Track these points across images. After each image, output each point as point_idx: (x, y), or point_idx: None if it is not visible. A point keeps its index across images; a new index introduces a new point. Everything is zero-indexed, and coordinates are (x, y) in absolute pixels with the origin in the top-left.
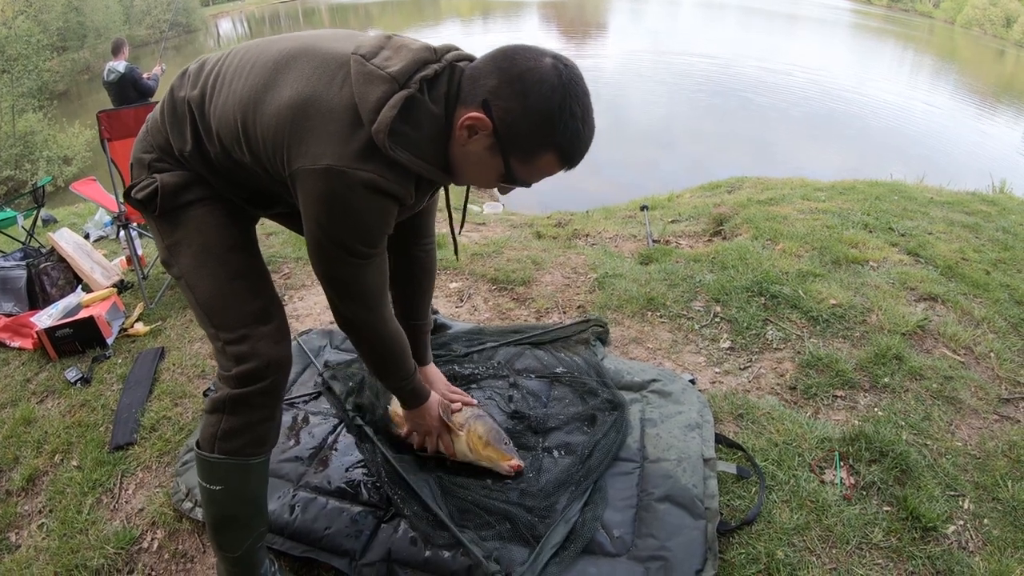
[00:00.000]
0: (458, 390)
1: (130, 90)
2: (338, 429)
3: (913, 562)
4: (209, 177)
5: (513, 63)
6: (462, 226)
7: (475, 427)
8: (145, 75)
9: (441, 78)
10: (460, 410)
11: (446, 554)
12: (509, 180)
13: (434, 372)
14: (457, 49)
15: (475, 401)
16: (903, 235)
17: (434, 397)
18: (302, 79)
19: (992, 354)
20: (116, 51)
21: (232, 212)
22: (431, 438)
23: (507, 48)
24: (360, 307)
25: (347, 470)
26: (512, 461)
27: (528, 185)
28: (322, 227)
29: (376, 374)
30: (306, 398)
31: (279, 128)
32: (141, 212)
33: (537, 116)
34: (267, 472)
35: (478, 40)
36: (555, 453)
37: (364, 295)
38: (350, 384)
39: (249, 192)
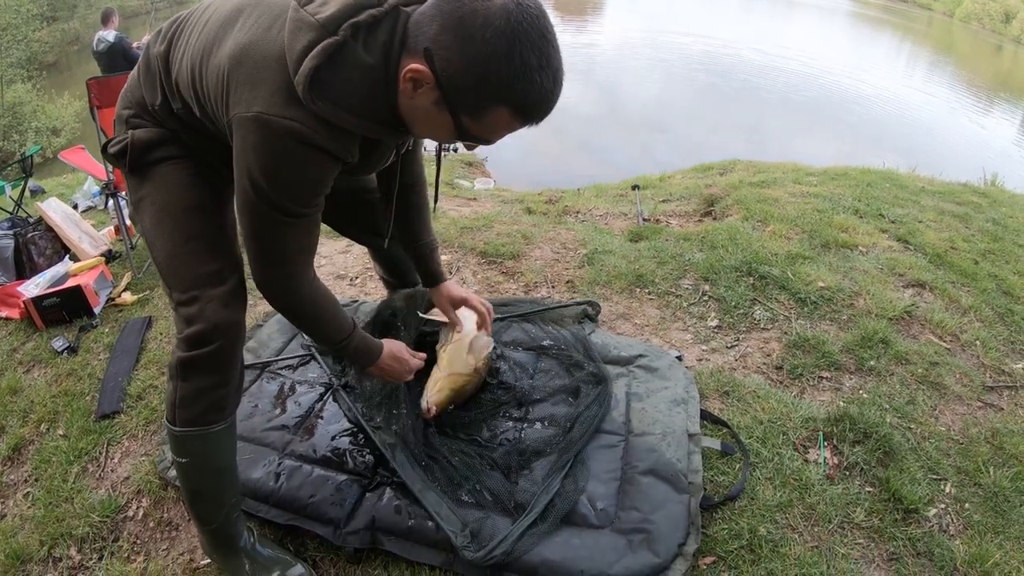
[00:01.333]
0: (476, 298)
1: (120, 60)
2: (324, 397)
3: (894, 543)
4: (181, 132)
5: (458, 4)
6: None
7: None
8: (135, 44)
9: (382, 24)
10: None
11: (430, 523)
12: (462, 137)
13: (452, 287)
14: None
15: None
16: (893, 222)
17: (390, 346)
18: (244, 29)
19: (978, 342)
20: (106, 21)
21: (201, 173)
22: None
23: None
24: (279, 269)
25: (332, 439)
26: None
27: (489, 143)
28: (251, 178)
29: (313, 339)
30: (293, 363)
31: (219, 77)
32: (117, 167)
33: (481, 66)
34: (233, 442)
35: None
36: (538, 425)
37: (286, 258)
38: None
39: (217, 149)
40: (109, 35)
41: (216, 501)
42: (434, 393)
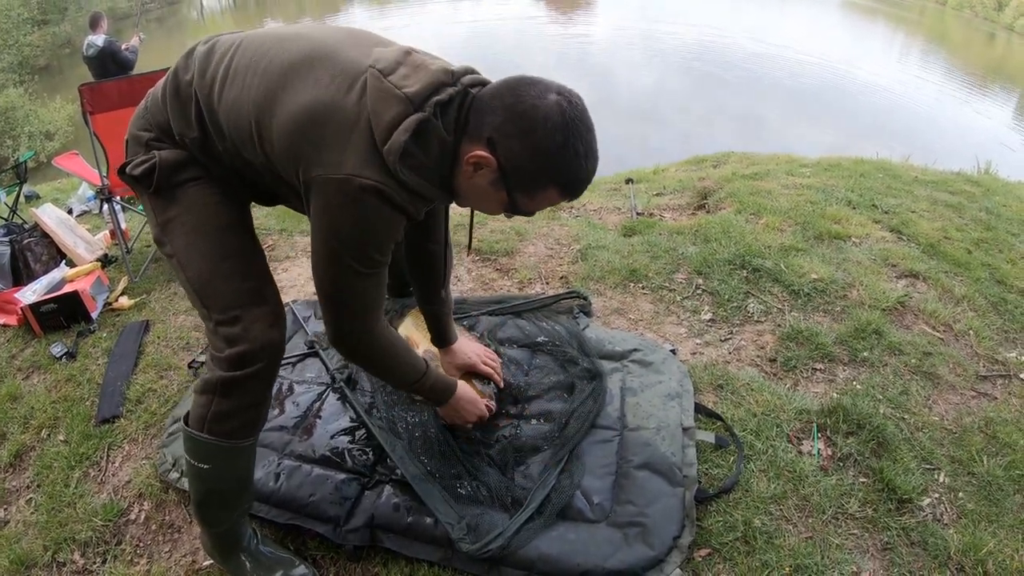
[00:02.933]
0: (494, 356)
1: (110, 63)
2: (323, 397)
3: (888, 532)
4: (209, 164)
5: (519, 99)
6: (470, 236)
7: None
8: (124, 47)
9: (454, 103)
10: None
11: (428, 520)
12: (513, 211)
13: (464, 344)
14: (474, 72)
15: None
16: (886, 212)
17: (463, 389)
18: (319, 85)
19: (971, 331)
20: (94, 25)
21: (228, 192)
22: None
23: (513, 81)
24: (359, 322)
25: (331, 438)
26: (485, 401)
27: (531, 215)
28: (337, 235)
29: (390, 383)
30: (293, 360)
31: (295, 132)
32: (135, 189)
33: (541, 155)
34: (255, 453)
35: (465, 15)
36: (534, 421)
37: (365, 309)
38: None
39: (250, 186)
40: (98, 39)
41: (229, 507)
42: None
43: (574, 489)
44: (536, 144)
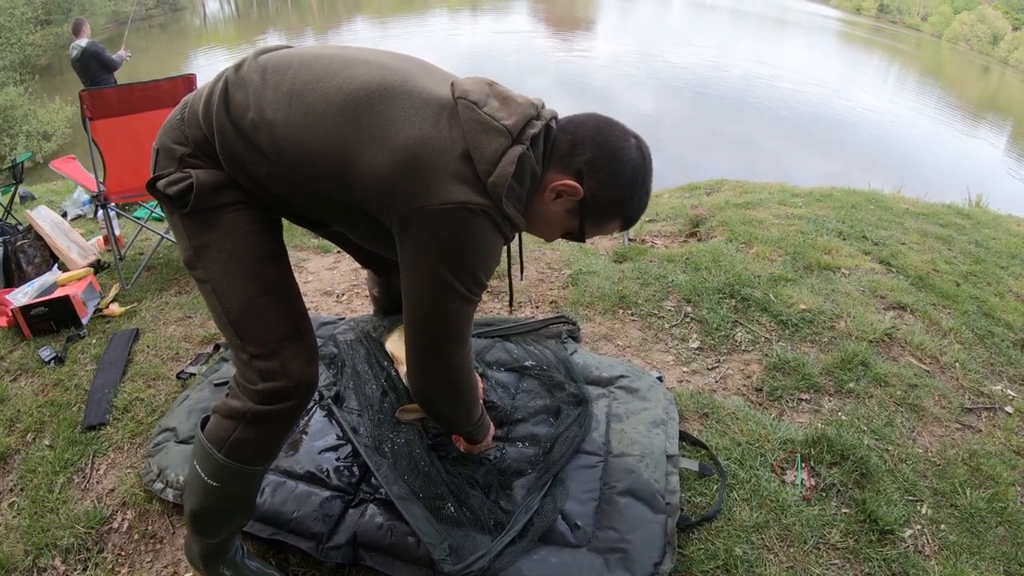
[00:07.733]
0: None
1: (93, 63)
2: (310, 413)
3: (869, 563)
4: (256, 191)
5: (608, 139)
6: (521, 271)
7: None
8: (118, 53)
9: (540, 135)
10: None
11: (410, 539)
12: (576, 237)
13: None
14: (546, 106)
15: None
16: (876, 244)
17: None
18: (406, 120)
19: (957, 364)
20: (77, 31)
21: (265, 220)
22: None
23: (597, 121)
24: (456, 353)
25: (317, 455)
26: None
27: (584, 241)
28: (448, 260)
29: (452, 424)
30: None
31: (394, 171)
32: (164, 205)
33: (622, 192)
34: (264, 476)
35: (466, 29)
36: (519, 444)
37: (463, 339)
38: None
39: (302, 213)
40: (82, 42)
41: (229, 521)
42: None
43: (556, 513)
44: (622, 182)
